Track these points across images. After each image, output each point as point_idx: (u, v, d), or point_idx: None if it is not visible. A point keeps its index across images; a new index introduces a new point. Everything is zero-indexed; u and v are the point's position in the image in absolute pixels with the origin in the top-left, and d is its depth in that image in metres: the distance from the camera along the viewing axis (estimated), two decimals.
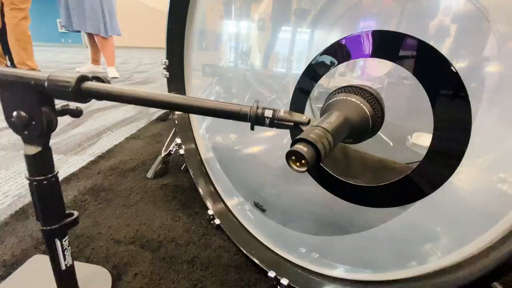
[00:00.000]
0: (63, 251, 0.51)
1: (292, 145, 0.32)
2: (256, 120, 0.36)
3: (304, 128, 0.35)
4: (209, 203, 0.83)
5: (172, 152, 1.10)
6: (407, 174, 0.44)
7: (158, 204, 0.90)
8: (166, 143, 1.13)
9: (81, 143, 1.39)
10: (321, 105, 0.43)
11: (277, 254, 0.69)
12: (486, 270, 0.36)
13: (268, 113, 0.36)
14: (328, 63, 0.48)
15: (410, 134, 0.96)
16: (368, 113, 0.37)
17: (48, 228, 0.48)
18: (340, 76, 0.65)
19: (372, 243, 0.52)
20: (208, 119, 0.98)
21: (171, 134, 1.13)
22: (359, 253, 0.54)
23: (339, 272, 0.57)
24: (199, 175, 0.88)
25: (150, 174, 1.06)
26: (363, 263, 0.54)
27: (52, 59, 4.95)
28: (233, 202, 0.82)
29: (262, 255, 0.70)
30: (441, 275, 0.41)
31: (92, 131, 1.57)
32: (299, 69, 0.75)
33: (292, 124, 0.36)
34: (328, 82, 0.63)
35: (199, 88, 0.96)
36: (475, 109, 0.37)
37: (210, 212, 0.80)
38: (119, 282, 0.63)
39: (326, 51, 0.48)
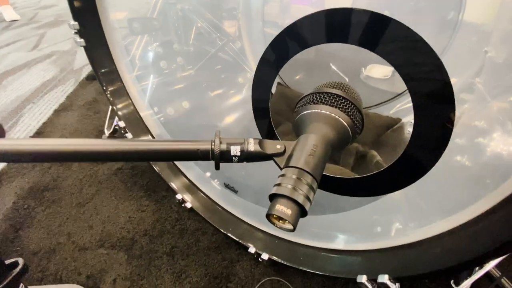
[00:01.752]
0: None
1: (271, 198, 0.27)
2: (222, 157, 0.29)
3: (279, 161, 0.29)
4: (185, 195, 0.76)
5: (118, 128, 0.96)
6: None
7: (118, 194, 0.82)
8: (107, 119, 0.98)
9: None
10: None
11: (254, 227, 0.71)
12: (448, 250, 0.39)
13: (235, 150, 0.29)
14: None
15: (364, 66, 0.94)
16: (346, 125, 0.32)
17: None
18: None
19: (346, 221, 0.54)
20: (150, 87, 0.84)
21: (110, 108, 0.97)
22: (334, 228, 0.57)
23: (315, 242, 0.61)
24: (167, 169, 0.78)
25: None
26: (337, 235, 0.57)
27: None
28: (205, 183, 0.78)
29: (240, 231, 0.71)
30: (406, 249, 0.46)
31: (8, 105, 1.28)
32: None
33: (266, 157, 0.30)
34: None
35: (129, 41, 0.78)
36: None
37: (179, 196, 0.76)
38: None
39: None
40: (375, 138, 0.80)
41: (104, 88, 0.73)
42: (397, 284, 0.42)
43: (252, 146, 0.29)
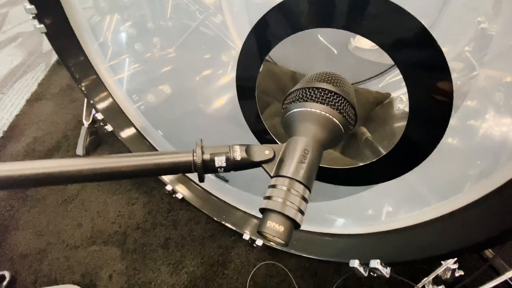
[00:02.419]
0: None
1: (261, 212, 0.25)
2: (205, 170, 0.27)
3: (268, 168, 0.27)
4: (176, 186, 0.74)
5: (97, 119, 0.91)
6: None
7: (105, 188, 0.80)
8: (85, 108, 0.92)
9: None
10: None
11: (247, 214, 0.70)
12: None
13: (220, 161, 0.26)
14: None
15: (353, 37, 0.90)
16: (339, 123, 0.30)
17: None
18: None
19: (339, 205, 0.54)
20: (126, 73, 0.77)
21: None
22: (327, 212, 0.58)
23: (309, 226, 0.61)
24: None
25: (79, 150, 0.89)
26: (330, 219, 0.58)
27: None
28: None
29: (234, 218, 0.70)
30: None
31: None
32: None
33: (254, 165, 0.28)
34: None
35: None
36: None
37: (169, 187, 0.74)
38: None
39: None
40: (365, 115, 0.78)
41: (77, 79, 0.68)
42: (388, 268, 0.43)
43: (238, 155, 0.27)
